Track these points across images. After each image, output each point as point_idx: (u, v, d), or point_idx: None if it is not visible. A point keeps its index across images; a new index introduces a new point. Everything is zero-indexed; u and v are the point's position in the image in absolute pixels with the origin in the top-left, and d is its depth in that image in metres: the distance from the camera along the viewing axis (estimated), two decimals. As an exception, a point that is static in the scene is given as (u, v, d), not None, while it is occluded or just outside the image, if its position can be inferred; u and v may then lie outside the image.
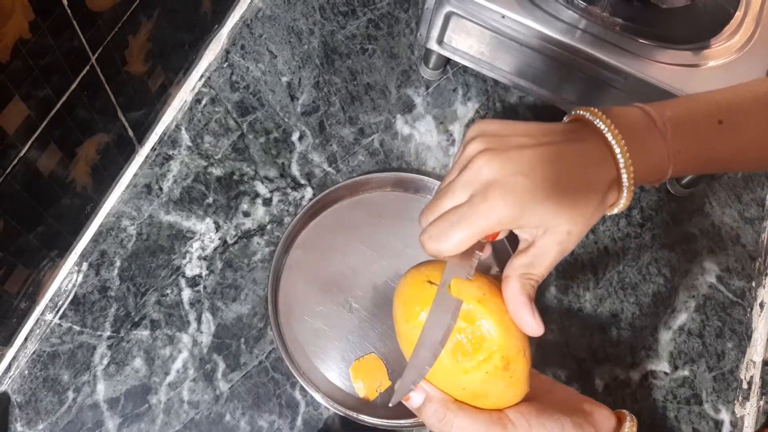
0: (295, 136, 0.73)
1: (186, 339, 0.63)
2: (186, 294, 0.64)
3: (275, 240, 0.67)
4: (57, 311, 0.62)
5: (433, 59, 0.74)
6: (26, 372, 0.60)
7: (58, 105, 0.52)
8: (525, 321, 0.37)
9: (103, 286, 0.64)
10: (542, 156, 0.36)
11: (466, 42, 0.68)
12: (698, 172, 0.40)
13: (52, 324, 0.62)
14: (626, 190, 0.37)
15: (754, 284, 0.73)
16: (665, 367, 0.67)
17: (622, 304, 0.69)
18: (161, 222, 0.67)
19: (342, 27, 0.79)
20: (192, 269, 0.65)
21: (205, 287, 0.65)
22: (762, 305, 0.72)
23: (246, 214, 0.68)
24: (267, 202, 0.69)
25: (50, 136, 0.53)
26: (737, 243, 0.74)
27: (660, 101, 0.40)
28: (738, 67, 0.62)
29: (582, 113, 0.39)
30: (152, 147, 0.70)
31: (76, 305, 0.63)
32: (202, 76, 0.74)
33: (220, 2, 0.74)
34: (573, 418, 0.37)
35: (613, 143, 0.37)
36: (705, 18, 0.66)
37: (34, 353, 0.61)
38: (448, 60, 0.76)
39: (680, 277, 0.71)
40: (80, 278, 0.64)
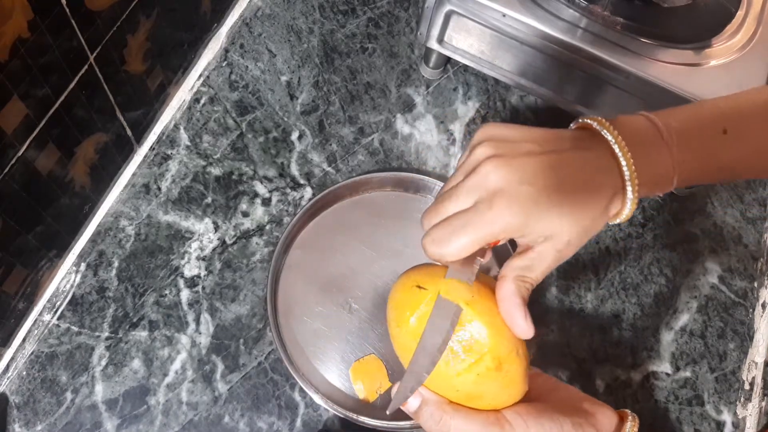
0: (295, 136, 0.72)
1: (185, 340, 0.62)
2: (184, 294, 0.64)
3: (274, 240, 0.67)
4: (55, 312, 0.62)
5: (434, 58, 0.74)
6: (24, 373, 0.60)
7: (57, 104, 0.52)
8: (516, 323, 0.37)
9: (102, 287, 0.64)
10: (549, 164, 0.36)
11: (467, 41, 0.67)
12: (702, 182, 0.40)
13: (50, 325, 0.62)
14: (630, 202, 0.37)
15: (756, 285, 0.72)
16: (667, 368, 0.67)
17: (624, 305, 0.69)
18: (160, 222, 0.67)
19: (342, 26, 0.79)
20: (190, 270, 0.65)
21: (204, 288, 0.64)
22: (764, 306, 0.72)
23: (245, 214, 0.68)
24: (266, 202, 0.69)
25: (49, 136, 0.53)
26: (739, 243, 0.74)
27: (664, 109, 0.40)
28: (739, 67, 0.62)
29: (589, 122, 0.39)
30: (151, 146, 0.70)
31: (75, 306, 0.63)
32: (201, 76, 0.74)
33: (220, 1, 0.74)
34: (573, 419, 0.37)
35: (620, 155, 0.37)
36: (706, 17, 0.66)
37: (32, 354, 0.60)
38: (449, 59, 0.76)
39: (682, 278, 0.71)
40: (78, 279, 0.64)
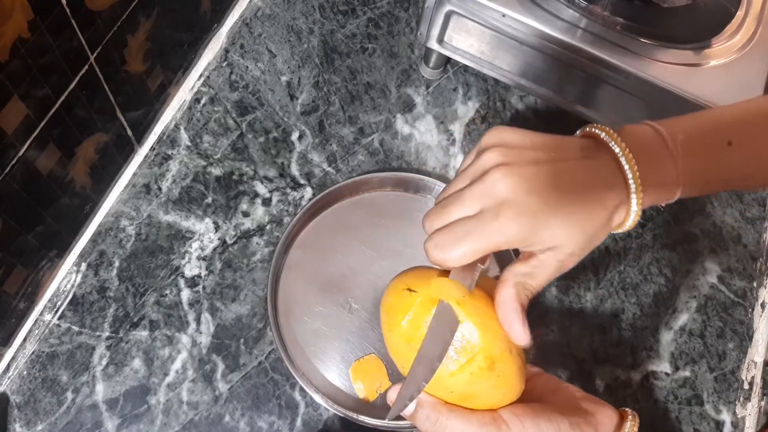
0: (295, 136, 0.72)
1: (185, 339, 0.62)
2: (185, 294, 0.64)
3: (275, 240, 0.67)
4: (56, 312, 0.62)
5: (434, 58, 0.74)
6: (25, 372, 0.60)
7: (57, 104, 0.52)
8: (514, 328, 0.37)
9: (102, 287, 0.64)
10: (556, 174, 0.36)
11: (467, 41, 0.67)
12: (707, 192, 0.40)
13: (51, 324, 0.62)
14: (633, 214, 0.38)
15: (756, 284, 0.72)
16: (666, 368, 0.67)
17: (623, 305, 0.69)
18: (160, 222, 0.67)
19: (342, 26, 0.79)
20: (191, 269, 0.65)
21: (204, 287, 0.65)
22: (763, 305, 0.72)
23: (245, 214, 0.68)
24: (266, 202, 0.69)
25: (49, 136, 0.53)
26: (738, 243, 0.74)
27: (669, 119, 0.40)
28: (739, 67, 0.62)
29: (596, 132, 0.39)
30: (151, 146, 0.70)
31: (75, 305, 0.63)
32: (201, 76, 0.74)
33: (220, 1, 0.74)
34: (571, 419, 0.37)
35: (626, 167, 0.37)
36: (706, 17, 0.66)
37: (33, 354, 0.61)
38: (449, 59, 0.76)
39: (681, 278, 0.71)
40: (79, 278, 0.64)
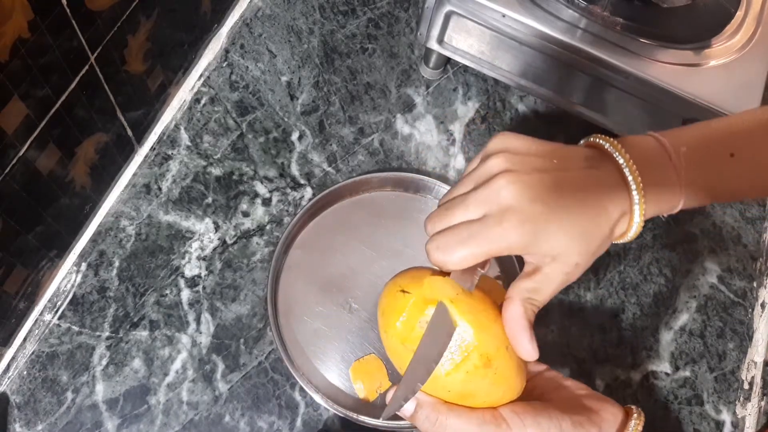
0: (295, 136, 0.72)
1: (185, 339, 0.62)
2: (185, 294, 0.64)
3: (275, 240, 0.67)
4: (56, 312, 0.62)
5: (434, 58, 0.74)
6: (25, 372, 0.60)
7: (57, 104, 0.52)
8: (522, 345, 0.37)
9: (102, 287, 0.64)
10: (560, 183, 0.37)
11: (467, 41, 0.68)
12: (709, 203, 0.41)
13: (51, 324, 0.62)
14: (636, 225, 0.38)
15: (756, 284, 0.72)
16: (666, 368, 0.67)
17: (623, 305, 0.69)
18: (160, 222, 0.67)
19: (342, 26, 0.79)
20: (191, 269, 0.65)
21: (204, 288, 0.65)
22: (763, 305, 0.72)
23: (245, 214, 0.68)
24: (266, 202, 0.69)
25: (49, 136, 0.53)
26: (738, 243, 0.74)
27: (672, 130, 0.40)
28: (739, 67, 0.62)
29: (600, 142, 0.39)
30: (151, 147, 0.70)
31: (75, 305, 0.63)
32: (202, 76, 0.74)
33: (220, 1, 0.74)
34: (573, 417, 0.37)
35: (630, 179, 0.37)
36: (706, 17, 0.66)
37: (33, 354, 0.61)
38: (449, 59, 0.76)
39: (681, 278, 0.71)
40: (79, 278, 0.64)
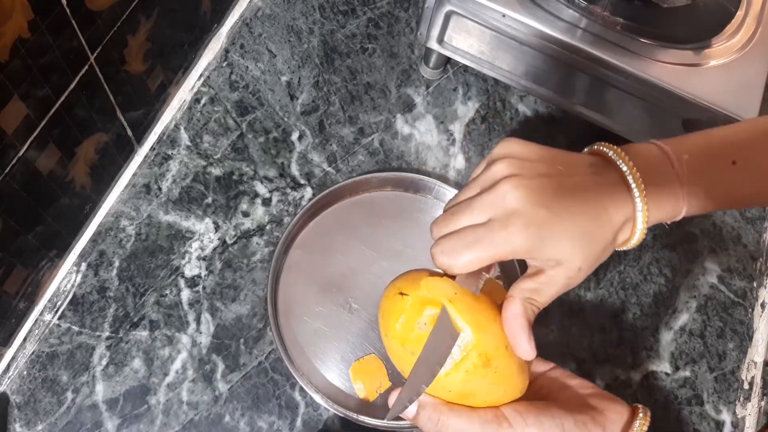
0: (295, 136, 0.72)
1: (185, 339, 0.62)
2: (185, 294, 0.64)
3: (275, 240, 0.67)
4: (56, 312, 0.62)
5: (434, 58, 0.74)
6: (25, 372, 0.60)
7: (57, 104, 0.52)
8: (520, 343, 0.37)
9: (102, 287, 0.64)
10: (565, 189, 0.37)
11: (467, 41, 0.67)
12: (712, 210, 0.41)
13: (51, 324, 0.62)
14: (639, 232, 0.38)
15: (756, 284, 0.72)
16: (666, 368, 0.67)
17: (623, 305, 0.69)
18: (160, 222, 0.67)
19: (342, 26, 0.79)
20: (191, 269, 0.65)
21: (204, 288, 0.65)
22: (763, 305, 0.72)
23: (245, 214, 0.68)
24: (266, 202, 0.69)
25: (49, 136, 0.53)
26: (738, 243, 0.74)
27: (674, 138, 0.40)
28: (739, 67, 0.62)
29: (604, 150, 0.39)
30: (151, 147, 0.70)
31: (75, 305, 0.63)
32: (201, 76, 0.74)
33: (220, 1, 0.74)
34: (577, 417, 0.37)
35: (633, 186, 0.37)
36: (706, 17, 0.66)
37: (33, 354, 0.61)
38: (449, 59, 0.76)
39: (681, 278, 0.71)
40: (79, 278, 0.64)
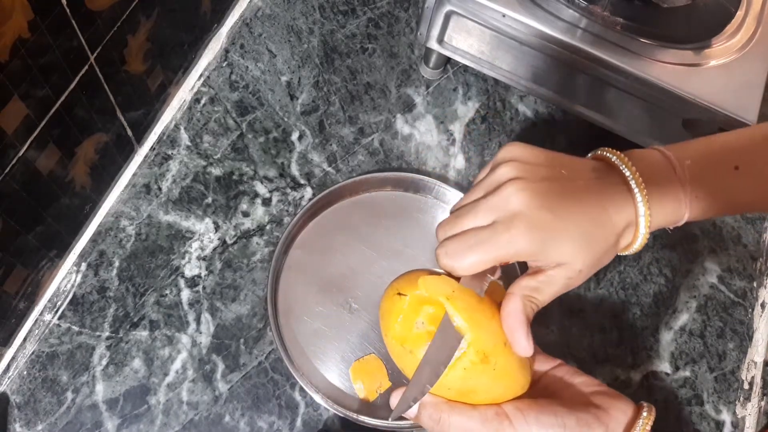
0: (295, 136, 0.72)
1: (185, 339, 0.62)
2: (185, 294, 0.64)
3: (275, 240, 0.67)
4: (56, 312, 0.62)
5: (434, 58, 0.74)
6: (25, 372, 0.60)
7: (57, 104, 0.52)
8: (518, 340, 0.37)
9: (102, 287, 0.64)
10: (568, 192, 0.37)
11: (467, 41, 0.67)
12: (714, 216, 0.41)
13: (51, 324, 0.62)
14: (641, 237, 0.38)
15: (756, 284, 0.72)
16: (666, 368, 0.67)
17: (623, 305, 0.69)
18: (160, 222, 0.67)
19: (342, 26, 0.79)
20: (191, 269, 0.65)
21: (204, 288, 0.65)
22: (763, 305, 0.72)
23: (245, 214, 0.68)
24: (266, 202, 0.69)
25: (49, 136, 0.53)
26: (738, 243, 0.74)
27: (676, 144, 0.41)
28: (739, 67, 0.62)
29: (608, 155, 0.40)
30: (151, 147, 0.70)
31: (75, 305, 0.63)
32: (201, 76, 0.74)
33: (220, 1, 0.74)
34: (580, 415, 0.37)
35: (636, 191, 0.38)
36: (706, 17, 0.66)
37: (33, 354, 0.61)
38: (449, 59, 0.76)
39: (681, 278, 0.71)
40: (79, 278, 0.64)
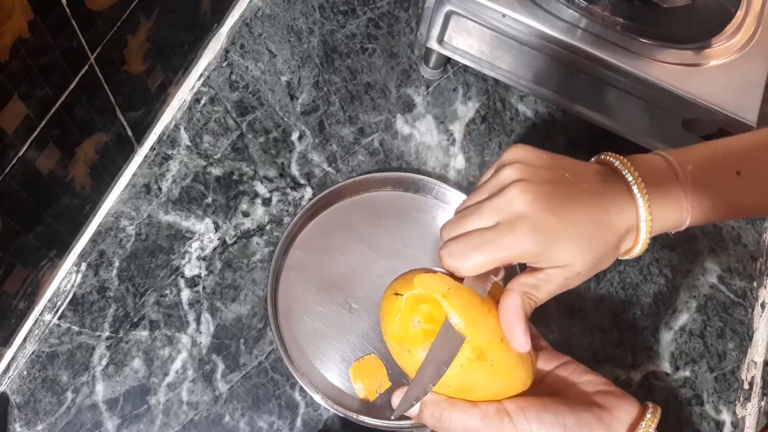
0: (295, 136, 0.72)
1: (185, 339, 0.62)
2: (185, 294, 0.64)
3: (275, 240, 0.67)
4: (56, 312, 0.62)
5: (434, 58, 0.74)
6: (25, 372, 0.60)
7: (57, 104, 0.52)
8: (516, 335, 0.37)
9: (102, 287, 0.64)
10: (572, 196, 0.37)
11: (467, 41, 0.67)
12: (716, 221, 0.41)
13: (51, 324, 0.62)
14: (642, 242, 0.39)
15: (756, 284, 0.72)
16: (666, 368, 0.67)
17: (623, 305, 0.69)
18: (160, 222, 0.67)
19: (342, 26, 0.79)
20: (191, 269, 0.65)
21: (204, 288, 0.65)
22: (763, 305, 0.72)
23: (245, 214, 0.68)
24: (266, 202, 0.69)
25: (49, 136, 0.53)
26: (738, 243, 0.74)
27: (678, 149, 0.41)
28: (739, 67, 0.62)
29: (611, 160, 0.40)
30: (151, 147, 0.70)
31: (75, 305, 0.63)
32: (201, 76, 0.74)
33: (220, 1, 0.74)
34: (582, 415, 0.37)
35: (638, 196, 0.38)
36: (706, 17, 0.66)
37: (33, 354, 0.61)
38: (449, 59, 0.76)
39: (681, 278, 0.71)
40: (79, 278, 0.64)
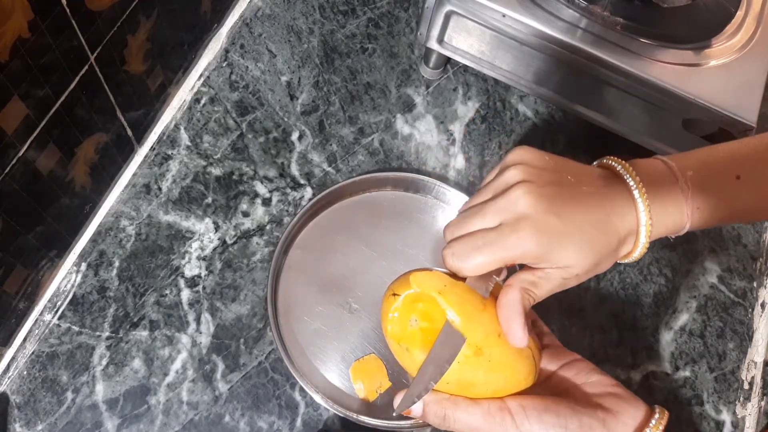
0: (295, 136, 0.72)
1: (185, 339, 0.62)
2: (185, 294, 0.64)
3: (275, 240, 0.67)
4: (56, 312, 0.62)
5: (434, 58, 0.74)
6: (25, 372, 0.60)
7: (57, 104, 0.52)
8: (514, 330, 0.38)
9: (102, 287, 0.64)
10: (574, 197, 0.37)
11: (467, 41, 0.67)
12: (716, 225, 0.42)
13: (51, 324, 0.62)
14: (641, 246, 0.39)
15: (756, 284, 0.72)
16: (666, 368, 0.67)
17: (623, 305, 0.69)
18: (160, 222, 0.67)
19: (342, 26, 0.79)
20: (191, 269, 0.65)
21: (204, 288, 0.65)
22: (763, 305, 0.72)
23: (245, 214, 0.68)
24: (266, 202, 0.69)
25: (49, 136, 0.53)
26: (738, 243, 0.74)
27: (679, 154, 0.41)
28: (739, 67, 0.62)
29: (613, 164, 0.40)
30: (151, 147, 0.70)
31: (75, 305, 0.63)
32: (201, 76, 0.74)
33: (220, 1, 0.74)
34: (584, 419, 0.37)
35: (639, 200, 0.38)
36: (706, 17, 0.66)
37: (33, 354, 0.61)
38: (449, 59, 0.76)
39: (681, 278, 0.71)
40: (79, 278, 0.64)
